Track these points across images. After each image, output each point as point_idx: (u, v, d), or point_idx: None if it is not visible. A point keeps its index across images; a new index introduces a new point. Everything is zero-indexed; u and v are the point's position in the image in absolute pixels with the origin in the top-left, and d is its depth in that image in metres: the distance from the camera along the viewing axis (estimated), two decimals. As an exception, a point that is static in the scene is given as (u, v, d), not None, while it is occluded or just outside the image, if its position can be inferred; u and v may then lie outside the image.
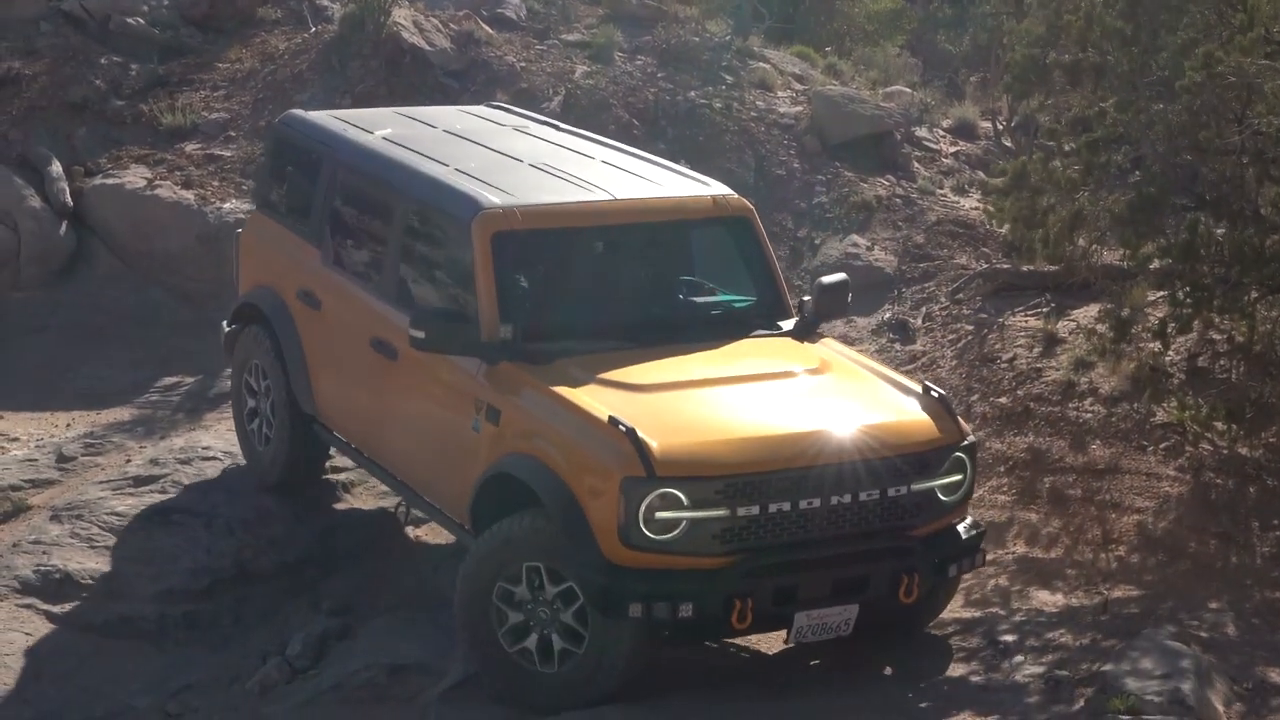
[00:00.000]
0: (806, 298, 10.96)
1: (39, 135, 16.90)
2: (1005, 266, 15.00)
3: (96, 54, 17.81)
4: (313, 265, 11.81)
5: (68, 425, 14.01)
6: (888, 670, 10.19)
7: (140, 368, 14.96)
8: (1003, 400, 13.07)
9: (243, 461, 12.70)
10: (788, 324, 10.82)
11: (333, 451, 12.35)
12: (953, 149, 17.94)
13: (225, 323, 12.76)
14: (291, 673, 10.88)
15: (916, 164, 17.30)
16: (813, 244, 16.09)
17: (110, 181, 16.49)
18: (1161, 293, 12.40)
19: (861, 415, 9.78)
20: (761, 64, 18.38)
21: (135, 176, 16.52)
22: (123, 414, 14.22)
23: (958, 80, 20.57)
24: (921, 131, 17.96)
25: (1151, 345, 12.31)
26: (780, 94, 17.95)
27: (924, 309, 14.92)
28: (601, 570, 9.28)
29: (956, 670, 10.15)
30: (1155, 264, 12.20)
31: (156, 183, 16.42)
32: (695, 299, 11.00)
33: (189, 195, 16.31)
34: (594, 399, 9.63)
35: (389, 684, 10.45)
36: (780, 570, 9.44)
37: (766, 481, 9.35)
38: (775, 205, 16.38)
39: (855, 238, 16.03)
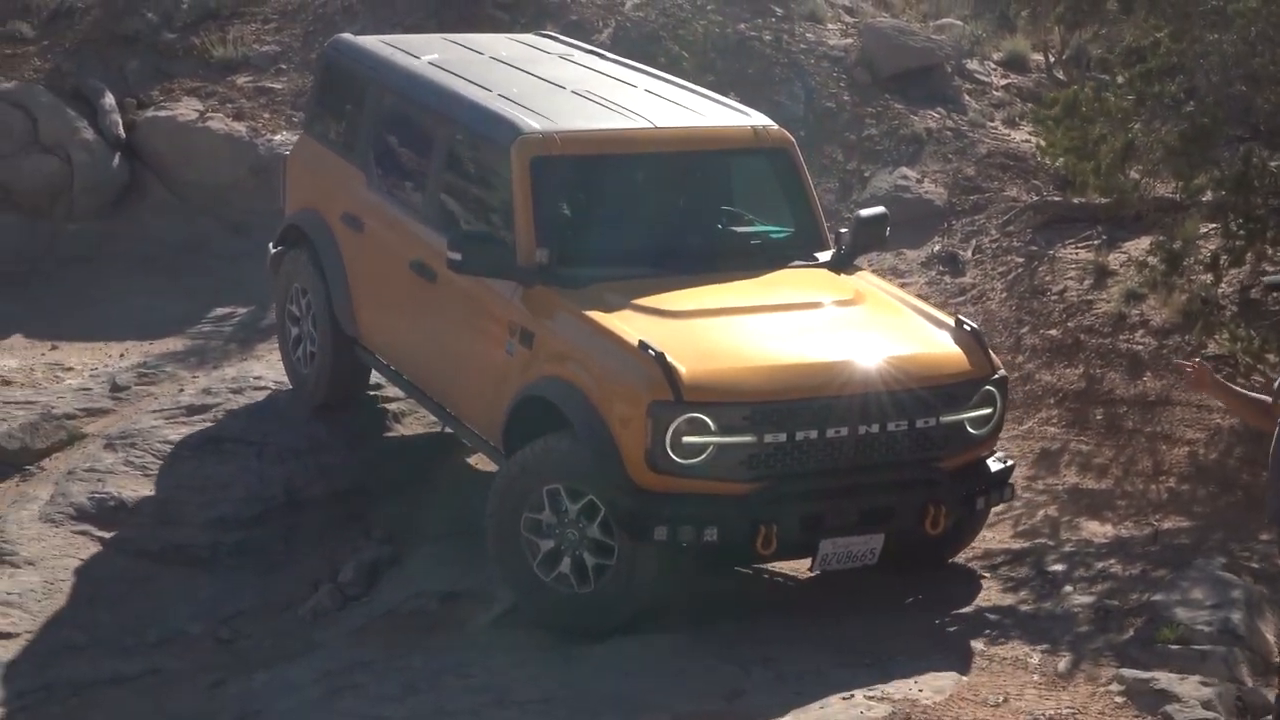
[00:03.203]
0: (844, 230, 10.94)
1: (92, 67, 16.95)
2: (1056, 199, 14.94)
3: (148, -14, 17.88)
4: (357, 189, 11.85)
5: (121, 355, 14.09)
6: (918, 598, 10.23)
7: (192, 298, 15.03)
8: (1053, 332, 13.04)
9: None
10: (825, 255, 10.80)
11: (383, 380, 12.40)
12: (1003, 82, 17.83)
13: (271, 245, 12.84)
14: (343, 599, 10.96)
15: (967, 96, 17.20)
16: (862, 176, 16.04)
17: (162, 113, 16.55)
18: (1214, 225, 12.36)
19: (892, 346, 9.79)
20: (811, -4, 18.29)
21: (187, 109, 16.58)
22: (175, 344, 14.29)
23: (1009, 13, 20.38)
24: (972, 64, 17.84)
25: (1203, 277, 12.26)
26: (830, 26, 17.87)
27: (974, 241, 14.86)
28: (627, 493, 9.33)
29: (1006, 599, 10.17)
30: (1208, 195, 12.15)
31: (208, 115, 16.48)
32: (733, 228, 11.00)
33: (240, 127, 16.37)
34: (625, 324, 9.66)
35: (440, 611, 10.51)
36: (806, 498, 9.48)
37: (794, 409, 9.36)
38: (825, 138, 16.33)
39: (905, 170, 15.97)
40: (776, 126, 11.11)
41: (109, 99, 16.50)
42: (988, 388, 9.85)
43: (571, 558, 9.67)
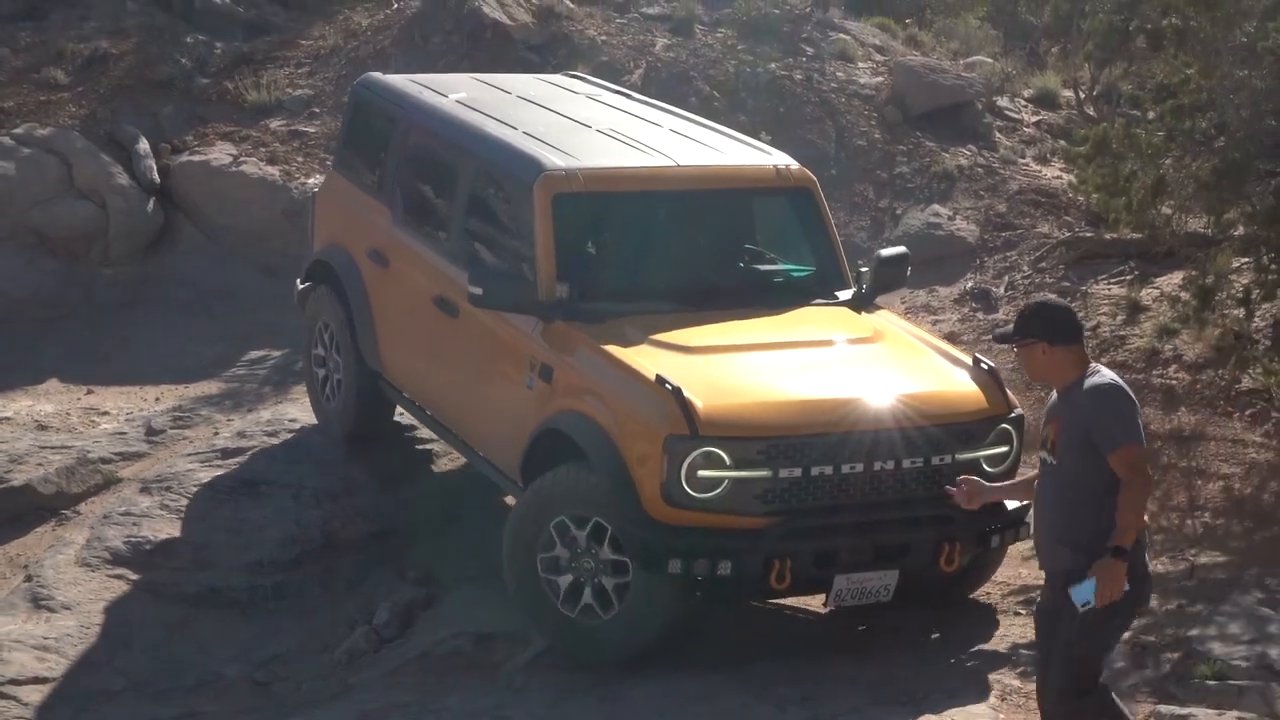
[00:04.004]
0: (864, 268, 10.96)
1: (126, 113, 17.06)
2: (1088, 235, 14.94)
3: (182, 32, 18.00)
4: (383, 225, 11.93)
5: (156, 399, 14.15)
6: (950, 635, 10.18)
7: (226, 342, 15.10)
8: (1086, 368, 12.99)
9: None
10: (846, 294, 10.82)
11: (414, 420, 12.43)
12: (1034, 118, 17.85)
13: (298, 280, 12.92)
14: (379, 641, 10.95)
15: (998, 134, 17.22)
16: (894, 214, 16.05)
17: (196, 158, 16.64)
18: (1246, 259, 12.33)
19: (909, 384, 9.80)
20: (842, 35, 18.33)
21: (221, 153, 16.66)
22: (210, 387, 14.35)
23: (1039, 50, 20.42)
24: (1003, 101, 17.87)
25: (1236, 312, 12.24)
26: (861, 65, 17.91)
27: (1006, 278, 14.86)
28: (642, 525, 9.33)
29: (1041, 636, 10.12)
30: (1240, 230, 12.12)
31: (242, 159, 16.55)
32: (754, 266, 11.05)
33: (274, 171, 16.45)
34: (644, 358, 9.70)
35: (475, 652, 10.50)
36: (821, 533, 9.47)
37: (809, 444, 9.37)
38: (856, 176, 16.36)
39: (937, 207, 15.98)
40: (798, 166, 11.14)
41: (143, 144, 16.60)
42: (1004, 426, 9.83)
43: (592, 586, 9.69)
